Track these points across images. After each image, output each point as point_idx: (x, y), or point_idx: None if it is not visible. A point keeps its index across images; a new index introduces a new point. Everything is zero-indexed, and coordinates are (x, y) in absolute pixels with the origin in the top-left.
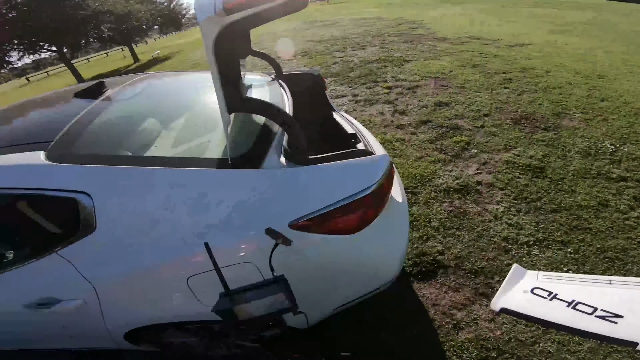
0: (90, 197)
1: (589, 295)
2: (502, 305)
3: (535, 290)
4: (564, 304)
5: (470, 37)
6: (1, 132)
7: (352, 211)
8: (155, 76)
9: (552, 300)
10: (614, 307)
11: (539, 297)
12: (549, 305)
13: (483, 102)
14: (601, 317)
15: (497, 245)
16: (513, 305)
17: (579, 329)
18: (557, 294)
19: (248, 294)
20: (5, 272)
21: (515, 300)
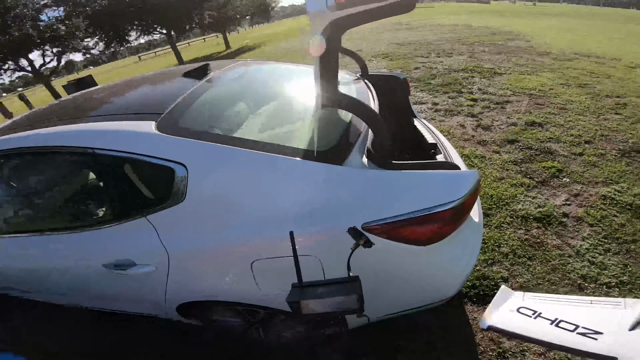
0: (186, 169)
1: (571, 314)
2: (489, 323)
3: (521, 309)
4: (548, 321)
5: (578, 54)
6: (118, 102)
7: (428, 223)
8: (253, 63)
9: (537, 319)
10: (594, 325)
11: (524, 316)
12: (534, 323)
13: (586, 128)
14: (582, 333)
15: (572, 281)
16: (499, 323)
17: (561, 345)
18: (541, 313)
19: (320, 289)
20: (96, 230)
21: (502, 318)
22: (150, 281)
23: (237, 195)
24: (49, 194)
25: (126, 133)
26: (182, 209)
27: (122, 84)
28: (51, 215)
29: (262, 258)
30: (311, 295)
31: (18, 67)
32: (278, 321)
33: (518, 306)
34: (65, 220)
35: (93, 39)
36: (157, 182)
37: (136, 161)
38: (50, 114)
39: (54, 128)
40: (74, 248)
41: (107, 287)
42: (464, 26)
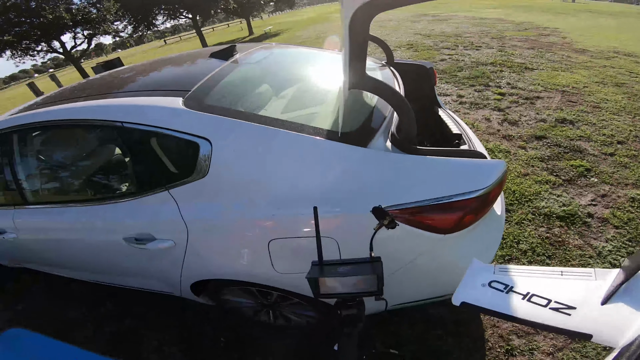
0: (210, 144)
1: (543, 288)
2: (462, 299)
3: (493, 283)
4: (520, 296)
5: (619, 52)
6: (147, 79)
7: (451, 211)
8: (278, 47)
9: (509, 293)
10: (567, 299)
11: (496, 290)
12: (506, 298)
13: (620, 128)
14: (555, 309)
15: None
16: (472, 299)
17: (535, 322)
18: (513, 287)
19: (340, 267)
20: (119, 203)
21: (474, 293)
22: (168, 257)
23: (259, 172)
24: (74, 166)
25: (154, 108)
26: (205, 184)
27: (150, 63)
28: (76, 187)
29: (279, 237)
30: (331, 273)
31: (50, 49)
32: (289, 305)
33: (490, 280)
34: (89, 192)
35: (122, 22)
36: (181, 157)
37: (162, 135)
38: (80, 91)
39: (83, 102)
40: (96, 220)
41: (126, 262)
42: (495, 19)
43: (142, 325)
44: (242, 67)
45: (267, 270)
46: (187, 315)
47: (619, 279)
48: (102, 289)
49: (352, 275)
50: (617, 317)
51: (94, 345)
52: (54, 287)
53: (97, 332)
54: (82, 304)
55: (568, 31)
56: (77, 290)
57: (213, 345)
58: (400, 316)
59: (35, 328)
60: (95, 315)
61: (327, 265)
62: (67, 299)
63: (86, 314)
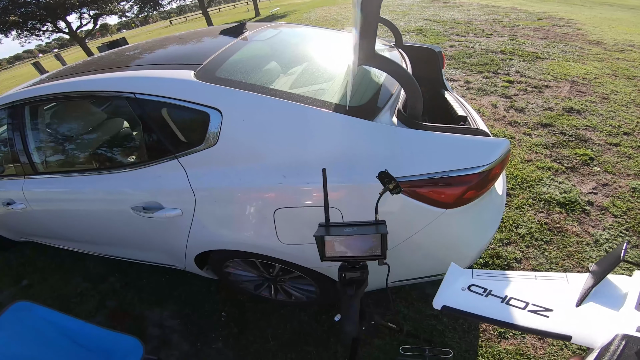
0: (221, 114)
1: (520, 291)
2: (443, 303)
3: (472, 287)
4: (498, 299)
5: (634, 46)
6: (158, 54)
7: (452, 185)
8: (288, 25)
9: (488, 297)
10: (543, 301)
11: (475, 294)
12: (485, 302)
13: (627, 119)
14: (533, 311)
15: (585, 269)
16: (453, 302)
17: (515, 324)
18: (492, 290)
19: (347, 228)
20: (128, 171)
21: (454, 297)
22: (174, 226)
23: (268, 142)
24: (85, 136)
25: (166, 80)
26: (214, 153)
27: (160, 40)
28: (87, 156)
29: (285, 207)
30: (337, 233)
31: (56, 29)
32: (291, 279)
33: (468, 284)
34: (99, 161)
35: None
36: (192, 127)
37: (174, 106)
38: (89, 65)
39: (94, 75)
40: (105, 189)
41: (133, 232)
42: (507, 8)
43: (144, 299)
44: (252, 44)
45: (272, 241)
46: (188, 289)
47: (589, 282)
48: (105, 264)
49: (358, 234)
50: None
51: (96, 319)
52: (58, 263)
53: (99, 306)
54: (85, 279)
55: (584, 23)
56: (81, 265)
57: (214, 320)
58: (398, 295)
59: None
60: (98, 290)
61: (334, 226)
62: (70, 274)
63: (89, 289)
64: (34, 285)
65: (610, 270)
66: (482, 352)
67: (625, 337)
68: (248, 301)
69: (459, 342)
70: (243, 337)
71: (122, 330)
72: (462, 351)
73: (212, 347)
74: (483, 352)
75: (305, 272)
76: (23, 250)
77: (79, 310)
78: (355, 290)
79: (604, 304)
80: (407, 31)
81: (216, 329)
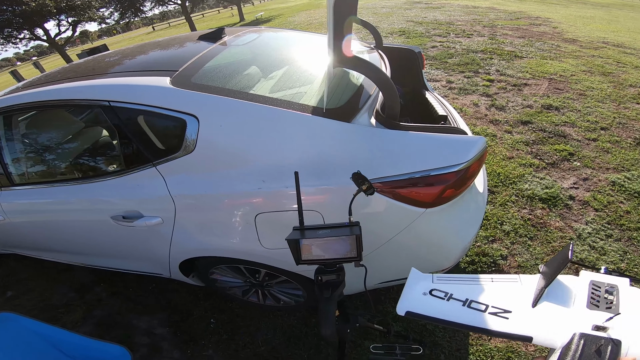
0: (198, 121)
1: (479, 294)
2: (406, 309)
3: (433, 291)
4: (460, 303)
5: (607, 43)
6: (134, 61)
7: (431, 185)
8: (266, 30)
9: (450, 301)
10: (502, 303)
11: (437, 299)
12: (447, 306)
13: (604, 115)
14: (493, 313)
15: (569, 265)
16: (416, 308)
17: (478, 327)
18: (453, 294)
19: (320, 231)
20: (107, 181)
21: (417, 303)
22: (156, 234)
23: (246, 147)
24: (61, 146)
25: (141, 87)
26: (192, 159)
27: (137, 47)
28: (64, 166)
29: (266, 211)
30: (311, 235)
31: (34, 36)
32: (277, 283)
33: (430, 288)
34: (76, 171)
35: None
36: (168, 134)
37: (149, 113)
38: (64, 73)
39: (69, 83)
40: (84, 199)
41: (114, 242)
42: (487, 8)
43: (131, 308)
44: (231, 49)
45: (254, 246)
46: (176, 297)
47: (541, 283)
48: (91, 274)
49: (332, 237)
50: (548, 319)
51: (83, 328)
52: (43, 273)
53: (86, 316)
54: (70, 289)
55: (559, 21)
56: (66, 275)
57: (203, 327)
58: (386, 295)
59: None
60: (84, 300)
61: (308, 229)
62: (55, 284)
63: (75, 299)
64: (19, 297)
65: (560, 271)
66: (473, 351)
67: (582, 335)
68: (237, 307)
69: (449, 342)
70: (233, 343)
71: (110, 340)
72: (453, 350)
73: (203, 354)
74: (474, 350)
75: (291, 276)
76: (6, 261)
77: (66, 320)
78: (332, 292)
79: (558, 304)
80: (391, 33)
81: (206, 335)
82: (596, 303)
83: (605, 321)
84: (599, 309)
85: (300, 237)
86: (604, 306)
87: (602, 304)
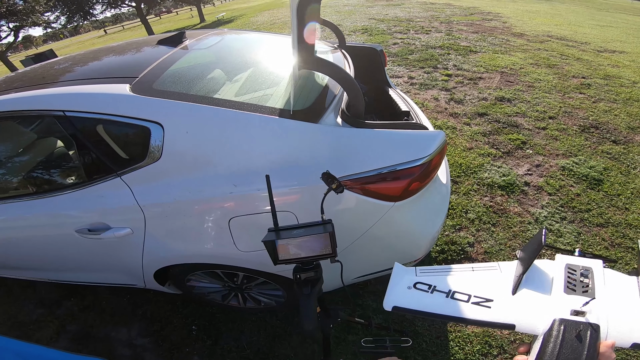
0: (162, 128)
1: (461, 284)
2: (392, 304)
3: (418, 285)
4: (443, 294)
5: (552, 36)
6: (90, 67)
7: (397, 178)
8: (229, 32)
9: (433, 293)
10: (483, 292)
11: (421, 292)
12: (432, 298)
13: (551, 104)
14: (476, 303)
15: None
16: (402, 302)
17: (462, 317)
18: (436, 286)
19: (295, 231)
20: (69, 194)
21: (403, 297)
22: (126, 245)
23: (215, 152)
24: (16, 160)
25: (98, 95)
26: (158, 167)
27: (91, 52)
28: (20, 181)
29: (239, 215)
30: (286, 236)
31: None
32: (256, 285)
33: (414, 282)
34: (35, 185)
35: (54, 13)
36: (132, 142)
37: (109, 122)
38: (13, 82)
39: (18, 93)
40: (45, 214)
41: (82, 256)
42: (443, 4)
43: (107, 320)
44: (193, 53)
45: (230, 250)
46: (153, 307)
47: (519, 270)
48: (58, 288)
49: (306, 236)
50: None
51: (59, 343)
52: (6, 291)
53: (60, 331)
54: (38, 305)
55: (509, 16)
56: (31, 291)
57: (185, 334)
58: (365, 289)
59: None
60: (55, 315)
61: (283, 230)
62: (22, 301)
63: (45, 315)
64: None
65: (535, 256)
66: (452, 337)
67: (562, 321)
68: (217, 312)
69: (429, 330)
70: (218, 348)
71: (89, 353)
72: (433, 338)
73: None
74: (453, 337)
75: (269, 277)
76: None
77: (39, 336)
78: (311, 289)
79: (536, 290)
80: (354, 31)
81: (189, 343)
82: (573, 287)
83: (582, 305)
84: (576, 293)
85: (276, 238)
86: (580, 290)
87: (579, 288)
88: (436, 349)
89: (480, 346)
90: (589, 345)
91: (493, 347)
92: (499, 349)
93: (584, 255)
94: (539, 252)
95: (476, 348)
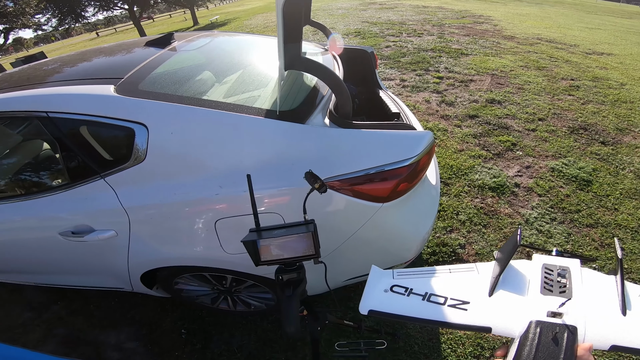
0: (147, 129)
1: (438, 286)
2: (368, 307)
3: (394, 287)
4: (419, 297)
5: (541, 39)
6: (75, 68)
7: (385, 179)
8: (218, 34)
9: (410, 296)
10: (460, 294)
11: (398, 295)
12: (408, 301)
13: (540, 106)
14: (452, 305)
15: (521, 249)
16: (378, 306)
17: (438, 321)
18: (413, 289)
19: (276, 231)
20: (52, 196)
21: (379, 300)
22: (111, 248)
23: (201, 153)
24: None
25: (82, 96)
26: (143, 169)
27: (78, 54)
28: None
29: (225, 217)
30: (267, 236)
31: None
32: (245, 288)
33: (391, 285)
34: (17, 187)
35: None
36: (116, 144)
37: (93, 123)
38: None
39: (3, 94)
40: (27, 216)
41: (66, 259)
42: (436, 7)
43: (96, 324)
44: (181, 54)
45: (217, 252)
46: (142, 310)
47: (496, 270)
48: (45, 292)
49: (288, 236)
50: (505, 307)
51: (47, 347)
52: None
53: (47, 335)
54: (25, 308)
55: (499, 19)
56: (17, 295)
57: (174, 338)
58: (355, 292)
59: None
60: (42, 319)
61: (264, 230)
62: (8, 305)
63: (32, 318)
64: None
65: (511, 257)
66: (444, 340)
67: (538, 323)
68: (207, 315)
69: (421, 332)
70: (209, 352)
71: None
72: (425, 340)
73: None
74: (445, 339)
75: (258, 279)
76: None
77: (26, 340)
78: (294, 290)
79: (513, 291)
80: (347, 34)
81: (179, 347)
82: (550, 288)
83: (559, 307)
84: (553, 293)
85: (257, 238)
86: (557, 290)
87: (556, 288)
88: (428, 351)
89: (472, 348)
90: (566, 348)
91: (485, 349)
92: (490, 350)
93: (562, 255)
94: (515, 252)
95: (468, 350)
